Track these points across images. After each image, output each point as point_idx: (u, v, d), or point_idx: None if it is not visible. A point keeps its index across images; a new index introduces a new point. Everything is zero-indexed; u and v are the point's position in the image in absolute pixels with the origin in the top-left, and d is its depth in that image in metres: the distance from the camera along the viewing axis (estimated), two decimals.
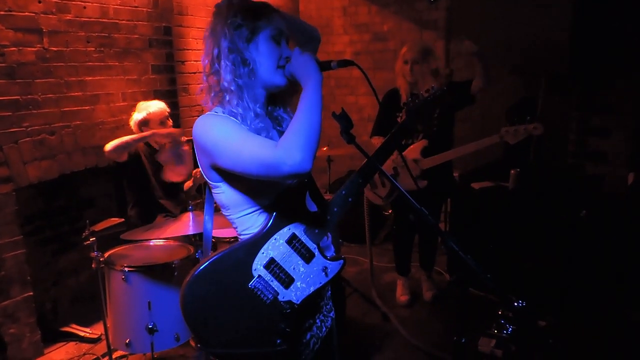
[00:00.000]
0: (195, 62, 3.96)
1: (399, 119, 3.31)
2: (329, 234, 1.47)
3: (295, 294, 1.33)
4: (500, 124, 4.46)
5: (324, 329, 1.51)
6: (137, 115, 3.00)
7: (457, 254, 1.26)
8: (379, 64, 5.18)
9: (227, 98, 1.32)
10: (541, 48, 4.26)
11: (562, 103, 4.25)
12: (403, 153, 3.26)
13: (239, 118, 1.31)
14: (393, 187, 3.32)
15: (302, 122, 1.20)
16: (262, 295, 1.30)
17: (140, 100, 3.45)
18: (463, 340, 2.12)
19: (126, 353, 2.79)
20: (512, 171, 3.74)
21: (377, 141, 3.37)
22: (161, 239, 2.75)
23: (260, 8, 1.35)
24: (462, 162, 4.38)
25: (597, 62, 3.94)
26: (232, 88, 1.30)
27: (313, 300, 1.41)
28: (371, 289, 3.61)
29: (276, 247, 1.33)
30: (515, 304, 1.29)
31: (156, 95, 3.58)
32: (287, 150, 1.16)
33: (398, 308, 3.53)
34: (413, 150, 3.24)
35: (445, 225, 4.55)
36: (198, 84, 1.40)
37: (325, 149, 3.66)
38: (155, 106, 3.01)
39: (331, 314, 1.56)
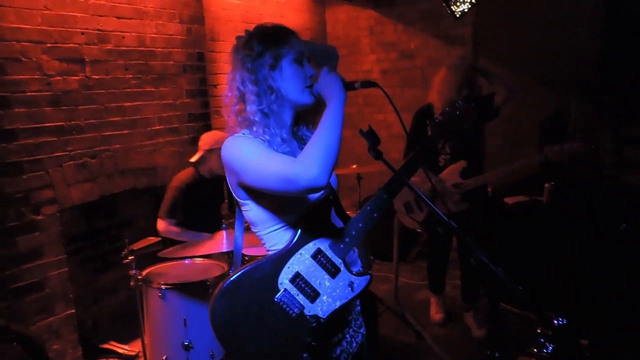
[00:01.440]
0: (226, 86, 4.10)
1: None
2: (355, 249, 1.50)
3: (322, 308, 1.36)
4: (532, 138, 4.42)
5: (354, 344, 1.53)
6: (208, 142, 3.13)
7: (487, 266, 1.26)
8: (407, 81, 5.21)
9: (254, 128, 1.38)
10: (571, 58, 4.20)
11: (595, 113, 4.16)
12: (441, 175, 3.19)
13: (266, 143, 1.37)
14: (430, 210, 3.20)
15: (321, 138, 1.25)
16: (288, 309, 1.34)
17: (175, 124, 3.60)
18: (497, 355, 2.08)
19: None
20: (546, 184, 3.67)
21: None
22: (197, 257, 2.83)
23: (278, 34, 1.40)
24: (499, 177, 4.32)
25: (630, 69, 3.85)
26: (257, 119, 1.37)
27: (340, 315, 1.44)
28: (403, 310, 3.58)
29: (301, 262, 1.37)
30: (556, 321, 1.27)
31: (191, 119, 3.72)
32: (304, 165, 1.21)
33: (432, 326, 3.48)
34: (452, 172, 3.15)
35: (492, 247, 4.43)
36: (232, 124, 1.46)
37: (354, 166, 3.70)
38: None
39: (362, 330, 1.58)
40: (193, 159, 3.21)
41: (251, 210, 1.42)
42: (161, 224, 3.10)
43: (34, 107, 2.77)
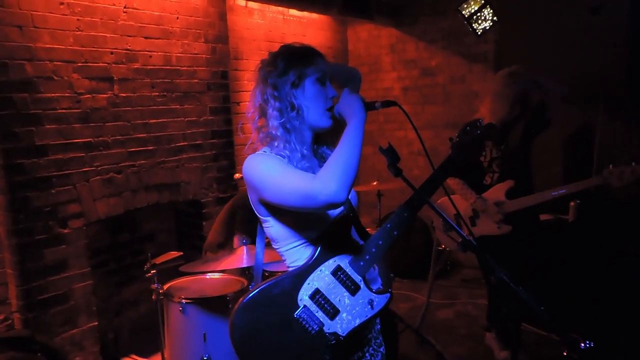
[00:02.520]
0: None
1: (482, 158, 3.06)
2: (375, 267, 1.50)
3: (341, 325, 1.36)
4: (557, 155, 4.35)
5: None
6: None
7: (508, 285, 1.24)
8: (428, 98, 5.21)
9: (276, 143, 1.41)
10: (596, 73, 4.14)
11: (622, 129, 4.08)
12: (484, 194, 3.04)
13: (286, 159, 1.39)
14: (473, 230, 3.06)
15: (340, 155, 1.27)
16: (307, 326, 1.34)
17: (199, 140, 3.67)
18: None
19: None
20: (572, 203, 3.59)
21: (452, 181, 3.12)
22: (217, 272, 2.86)
23: (304, 53, 1.44)
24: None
25: None
26: (279, 133, 1.40)
27: (360, 333, 1.43)
28: (425, 330, 3.52)
29: (321, 278, 1.37)
30: (582, 345, 1.24)
31: (214, 136, 3.78)
32: (323, 181, 1.23)
33: (453, 346, 3.42)
34: (497, 191, 3.00)
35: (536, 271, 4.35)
36: (253, 141, 1.50)
37: (375, 183, 3.70)
38: None
39: (381, 349, 1.57)
40: (237, 176, 3.33)
41: (272, 226, 1.44)
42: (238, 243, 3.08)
43: (64, 124, 2.86)
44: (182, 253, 2.98)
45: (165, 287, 2.70)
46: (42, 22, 2.74)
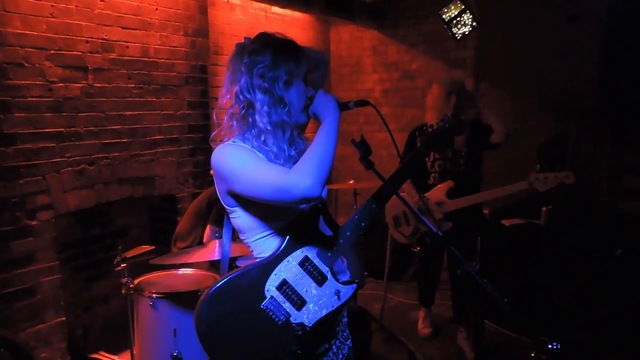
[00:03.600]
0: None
1: (426, 158, 3.28)
2: (344, 259, 1.50)
3: (308, 316, 1.35)
4: (531, 162, 4.42)
5: (340, 355, 1.51)
6: None
7: (473, 278, 1.26)
8: (408, 101, 5.25)
9: (263, 137, 1.38)
10: (572, 83, 4.24)
11: (594, 139, 4.18)
12: (427, 194, 3.23)
13: (271, 156, 1.37)
14: (417, 225, 3.31)
15: (315, 151, 1.27)
16: (274, 316, 1.32)
17: (175, 134, 3.62)
18: None
19: None
20: (544, 208, 3.67)
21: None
22: (189, 268, 2.82)
23: (293, 49, 1.40)
24: (492, 199, 4.32)
25: (630, 97, 3.88)
26: (269, 128, 1.36)
27: (327, 325, 1.42)
28: (396, 329, 3.54)
29: (289, 269, 1.36)
30: (550, 346, 1.26)
31: (191, 130, 3.74)
32: (299, 176, 1.22)
33: (425, 346, 3.44)
34: (438, 191, 3.20)
35: (476, 263, 4.46)
36: (220, 129, 1.46)
37: (351, 182, 3.71)
38: None
39: (348, 342, 1.56)
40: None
41: (239, 217, 1.42)
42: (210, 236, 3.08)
43: (34, 113, 2.79)
44: (154, 247, 2.93)
45: (136, 281, 2.65)
46: (13, 6, 2.66)
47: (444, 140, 1.58)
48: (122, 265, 2.58)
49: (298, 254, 1.37)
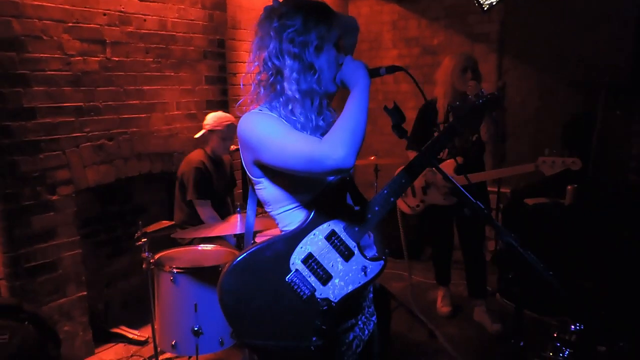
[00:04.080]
0: (249, 75, 4.08)
1: (435, 133, 3.23)
2: (371, 234, 1.45)
3: (333, 291, 1.31)
4: (556, 140, 4.31)
5: (366, 331, 1.48)
6: (210, 122, 3.14)
7: (515, 249, 1.21)
8: (429, 77, 5.08)
9: (290, 106, 1.32)
10: (600, 60, 4.08)
11: (623, 117, 4.03)
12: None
13: (298, 126, 1.31)
14: (424, 198, 3.34)
15: (348, 120, 1.21)
16: (299, 290, 1.29)
17: (193, 110, 3.59)
18: (522, 344, 1.97)
19: (172, 355, 2.84)
20: (569, 187, 3.57)
21: (412, 154, 3.26)
22: (209, 244, 2.81)
23: (325, 12, 1.32)
24: (514, 177, 4.23)
25: None
26: (297, 96, 1.30)
27: (353, 300, 1.38)
28: (416, 308, 3.52)
29: (315, 243, 1.32)
30: (573, 326, 1.22)
31: (209, 106, 3.69)
32: (332, 146, 1.17)
33: (445, 325, 3.41)
34: (446, 167, 3.14)
35: (496, 242, 4.39)
36: (247, 95, 1.40)
37: (372, 158, 3.65)
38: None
39: (373, 318, 1.53)
40: (196, 135, 3.25)
41: (265, 188, 1.38)
42: (202, 211, 3.08)
43: (53, 87, 2.77)
44: (174, 222, 2.92)
45: (156, 257, 2.65)
46: None
47: (478, 117, 1.51)
48: (142, 240, 2.57)
49: (325, 228, 1.33)
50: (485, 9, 3.81)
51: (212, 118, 3.15)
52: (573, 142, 4.24)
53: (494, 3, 3.86)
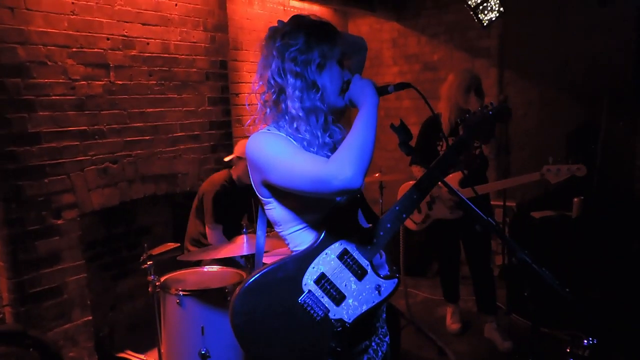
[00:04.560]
0: (254, 95, 4.10)
1: (439, 148, 3.25)
2: (383, 252, 1.43)
3: (347, 312, 1.29)
4: (560, 151, 4.30)
5: (380, 353, 1.46)
6: (240, 149, 3.14)
7: (530, 266, 1.19)
8: (430, 93, 5.04)
9: (295, 124, 1.31)
10: (602, 70, 4.09)
11: (626, 126, 4.03)
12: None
13: (304, 144, 1.31)
14: (429, 213, 3.33)
15: (355, 139, 1.20)
16: (312, 312, 1.26)
17: (196, 131, 3.60)
18: None
19: None
20: (576, 199, 3.55)
21: (416, 169, 3.29)
22: (215, 265, 2.79)
23: (328, 32, 1.33)
24: (520, 191, 4.21)
25: None
26: (301, 114, 1.30)
27: (367, 320, 1.36)
28: (425, 325, 3.47)
29: (327, 262, 1.30)
30: (585, 341, 1.20)
31: (212, 127, 3.70)
32: (338, 166, 1.16)
33: (455, 343, 3.35)
34: (451, 180, 3.13)
35: (504, 256, 4.35)
36: (252, 115, 1.40)
37: (377, 175, 3.64)
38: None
39: (386, 339, 1.50)
40: (226, 159, 3.27)
41: (274, 209, 1.36)
42: (210, 234, 3.07)
43: (57, 111, 2.78)
44: (179, 244, 2.90)
45: (162, 279, 2.62)
46: (35, 4, 2.65)
47: (488, 128, 1.50)
48: (148, 263, 2.55)
49: (337, 247, 1.31)
50: (485, 24, 3.84)
51: (241, 145, 3.16)
52: (577, 152, 4.23)
53: (494, 19, 3.89)
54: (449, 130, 3.22)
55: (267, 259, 2.57)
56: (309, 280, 1.28)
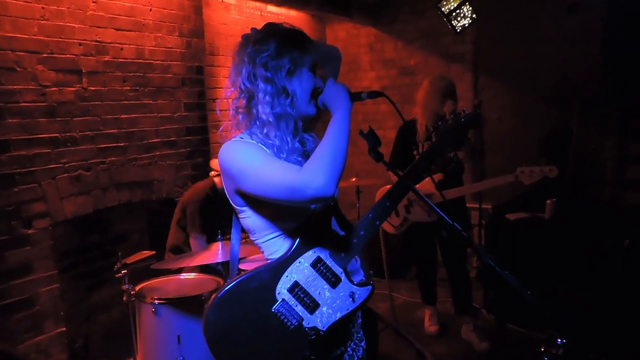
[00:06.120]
0: (226, 101, 4.08)
1: (415, 152, 3.29)
2: (357, 258, 1.44)
3: (321, 320, 1.29)
4: (534, 155, 4.39)
5: (355, 358, 1.46)
6: None
7: (493, 269, 1.21)
8: (407, 97, 5.16)
9: (265, 130, 1.32)
10: (572, 76, 4.20)
11: (597, 130, 4.13)
12: (417, 186, 3.21)
13: (274, 149, 1.31)
14: (407, 216, 3.36)
15: (328, 147, 1.20)
16: (286, 320, 1.26)
17: (172, 137, 3.56)
18: None
19: None
20: (548, 201, 3.63)
21: (393, 175, 3.31)
22: (191, 273, 2.76)
23: (299, 39, 1.35)
24: (495, 194, 4.28)
25: (634, 86, 3.84)
26: (270, 120, 1.30)
27: (342, 327, 1.36)
28: (403, 328, 3.49)
29: (300, 271, 1.30)
30: (559, 340, 1.23)
31: (189, 132, 3.67)
32: (311, 174, 1.16)
33: (433, 344, 3.38)
34: (428, 183, 3.19)
35: (479, 258, 4.41)
36: (229, 121, 1.40)
37: (354, 179, 3.66)
38: None
39: (362, 344, 1.51)
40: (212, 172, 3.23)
41: (249, 217, 1.36)
42: (194, 244, 3.04)
43: (27, 118, 2.71)
44: (154, 252, 2.86)
45: (137, 288, 2.59)
46: (2, 9, 2.58)
47: (460, 136, 1.52)
48: (122, 272, 2.51)
49: (310, 255, 1.31)
50: (458, 30, 3.91)
51: None
52: (550, 156, 4.32)
53: (467, 25, 3.96)
54: (425, 136, 3.26)
55: (244, 266, 2.57)
56: (282, 289, 1.27)
